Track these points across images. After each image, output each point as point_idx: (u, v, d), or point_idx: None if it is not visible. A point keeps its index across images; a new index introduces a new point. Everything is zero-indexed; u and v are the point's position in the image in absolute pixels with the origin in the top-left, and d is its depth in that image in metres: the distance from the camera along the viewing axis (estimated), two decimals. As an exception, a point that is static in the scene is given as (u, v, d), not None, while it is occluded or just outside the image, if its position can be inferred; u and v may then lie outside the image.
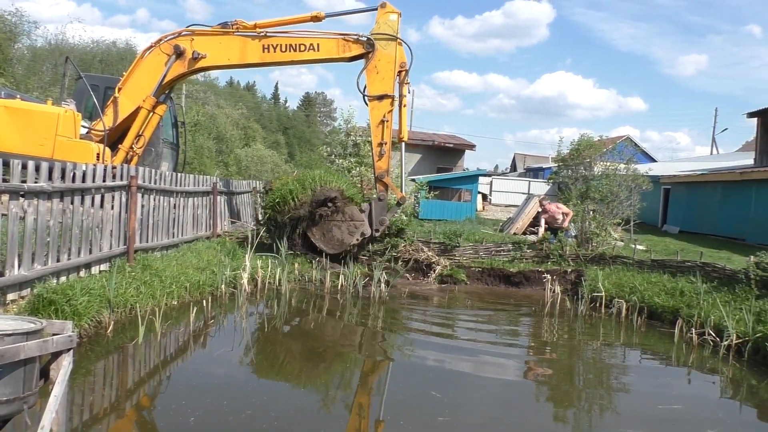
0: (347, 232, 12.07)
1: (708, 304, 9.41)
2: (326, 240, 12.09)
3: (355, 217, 12.12)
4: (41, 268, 6.81)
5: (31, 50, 36.33)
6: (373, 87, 11.80)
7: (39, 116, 11.19)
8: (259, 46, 11.78)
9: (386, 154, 11.93)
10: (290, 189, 11.95)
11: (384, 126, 11.79)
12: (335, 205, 11.97)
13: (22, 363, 3.47)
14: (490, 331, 9.47)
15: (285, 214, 11.97)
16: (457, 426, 5.33)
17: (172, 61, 11.75)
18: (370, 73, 11.78)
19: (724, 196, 22.67)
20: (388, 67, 11.74)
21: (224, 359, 6.93)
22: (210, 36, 11.93)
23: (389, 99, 11.76)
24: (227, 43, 11.91)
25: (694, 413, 6.15)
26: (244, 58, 11.90)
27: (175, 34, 11.94)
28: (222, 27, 11.90)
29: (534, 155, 70.63)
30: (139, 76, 11.95)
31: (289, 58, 11.91)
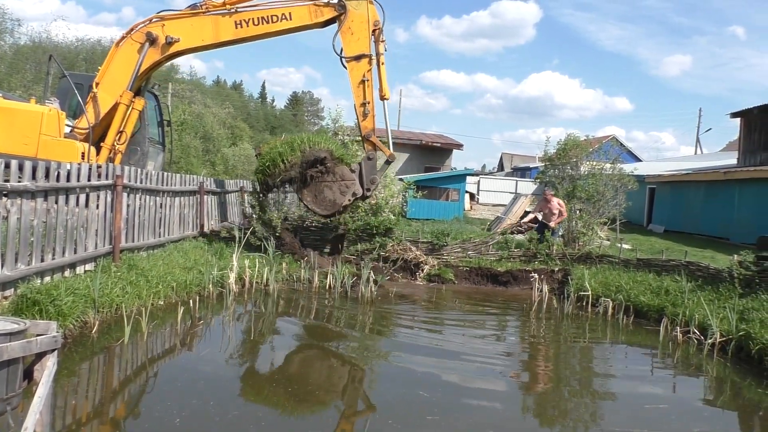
0: (339, 192, 11.96)
1: (692, 302, 9.50)
2: (318, 202, 11.96)
3: (345, 176, 12.02)
4: (25, 268, 6.74)
5: (14, 48, 35.99)
6: (350, 48, 11.81)
7: (22, 115, 11.04)
8: (231, 22, 11.67)
9: (370, 114, 12.00)
10: (279, 151, 11.83)
11: (365, 86, 11.88)
12: (325, 165, 11.85)
13: (6, 364, 3.43)
14: (477, 330, 9.49)
15: (276, 177, 11.87)
16: (446, 425, 5.33)
17: (146, 49, 11.60)
18: (344, 35, 11.79)
19: (709, 196, 22.89)
20: (362, 27, 11.78)
21: (211, 360, 6.89)
22: (181, 19, 11.79)
23: (366, 58, 11.82)
24: (199, 24, 11.77)
25: (680, 412, 6.20)
26: (217, 37, 11.80)
27: (145, 22, 11.79)
28: (191, 9, 11.78)
29: (521, 155, 71.06)
30: (114, 69, 11.78)
31: (263, 30, 11.79)
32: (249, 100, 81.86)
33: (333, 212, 12.07)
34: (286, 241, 12.35)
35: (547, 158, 17.11)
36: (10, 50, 35.12)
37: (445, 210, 26.82)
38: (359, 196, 12.14)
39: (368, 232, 13.03)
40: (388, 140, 12.27)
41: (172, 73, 51.99)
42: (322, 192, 11.94)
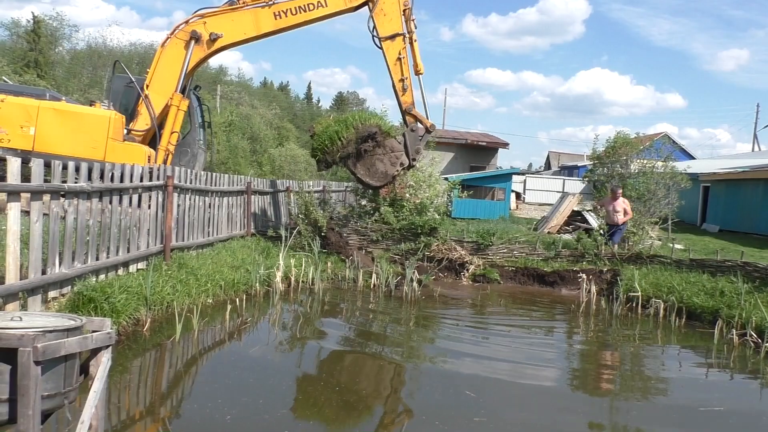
0: (389, 164, 12.63)
1: (749, 304, 9.17)
2: (371, 174, 12.62)
3: (395, 148, 12.68)
4: (81, 266, 6.96)
5: (71, 53, 37.21)
6: (384, 28, 12.45)
7: (89, 119, 11.50)
8: (270, 13, 12.06)
9: (409, 88, 12.74)
10: (336, 130, 12.38)
11: (401, 63, 12.57)
12: (376, 140, 12.43)
13: (63, 359, 3.54)
14: (525, 332, 9.37)
15: (335, 153, 12.42)
16: (493, 427, 5.28)
17: (192, 48, 11.93)
18: (378, 16, 12.38)
19: (767, 194, 22.04)
20: (393, 8, 12.39)
21: (260, 358, 6.99)
22: (221, 15, 12.09)
23: (401, 37, 12.47)
24: (239, 19, 12.11)
25: (736, 416, 5.99)
26: (259, 29, 12.18)
27: (187, 21, 12.10)
28: (229, 5, 12.09)
29: (568, 153, 69.79)
30: (162, 69, 12.12)
31: (301, 19, 12.20)
32: (295, 101, 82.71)
33: (385, 183, 12.85)
34: (332, 241, 12.45)
35: (595, 156, 16.77)
36: (68, 55, 36.34)
37: (491, 209, 26.54)
38: (406, 166, 12.86)
39: (413, 232, 13.00)
40: (425, 111, 12.97)
41: (221, 75, 53.00)
42: (374, 165, 12.58)
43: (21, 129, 11.12)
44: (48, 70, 32.79)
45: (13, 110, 11.15)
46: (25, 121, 11.17)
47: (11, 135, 11.05)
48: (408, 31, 12.53)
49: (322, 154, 12.57)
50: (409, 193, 15.14)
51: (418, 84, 13.15)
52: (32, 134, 11.21)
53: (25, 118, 11.20)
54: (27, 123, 11.19)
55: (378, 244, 13.11)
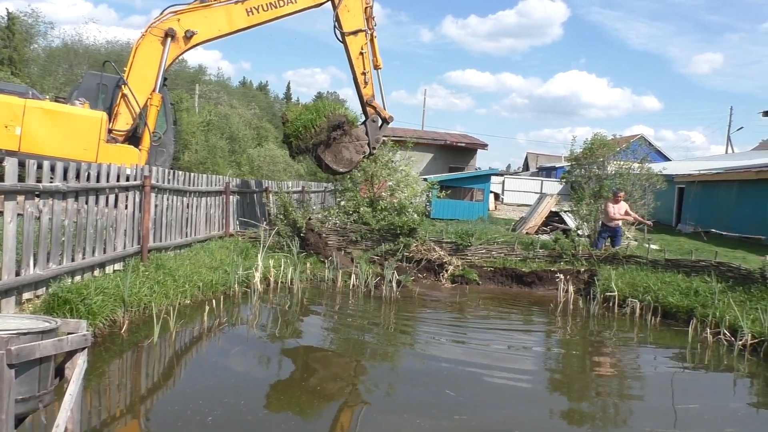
0: (354, 152, 13.39)
1: (723, 303, 9.34)
2: (337, 161, 13.27)
3: (360, 137, 13.51)
4: (56, 267, 6.86)
5: (47, 51, 36.69)
6: (348, 24, 13.19)
7: (80, 120, 11.29)
8: (243, 10, 12.27)
9: (369, 82, 13.67)
10: (310, 118, 12.89)
11: (363, 57, 13.46)
12: (344, 129, 13.12)
13: (38, 362, 3.50)
14: (504, 332, 9.44)
15: (308, 140, 12.95)
16: (474, 424, 5.31)
17: (168, 45, 11.86)
18: (342, 13, 13.07)
19: (740, 195, 22.44)
20: (356, 5, 13.19)
21: (239, 358, 6.96)
22: (195, 11, 12.11)
23: (363, 33, 13.35)
24: (213, 15, 12.18)
25: (711, 412, 6.10)
26: (232, 26, 12.35)
27: (160, 19, 12.00)
28: (201, 2, 12.12)
29: (546, 154, 70.39)
30: (139, 68, 11.97)
31: (272, 15, 12.55)
32: (274, 101, 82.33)
33: (350, 169, 13.68)
34: (311, 241, 12.42)
35: (573, 158, 16.93)
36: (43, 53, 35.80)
37: (470, 210, 26.68)
38: (367, 154, 13.76)
39: (392, 232, 13.02)
40: (383, 103, 13.86)
41: (200, 74, 52.57)
42: (340, 152, 13.25)
43: (5, 128, 10.77)
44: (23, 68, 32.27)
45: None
46: (9, 120, 10.80)
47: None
48: (369, 28, 13.27)
49: (295, 140, 12.97)
50: (388, 194, 15.18)
51: (377, 78, 13.97)
52: (18, 134, 10.88)
53: (10, 117, 10.83)
54: (12, 122, 10.83)
55: (357, 244, 13.11)
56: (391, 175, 15.51)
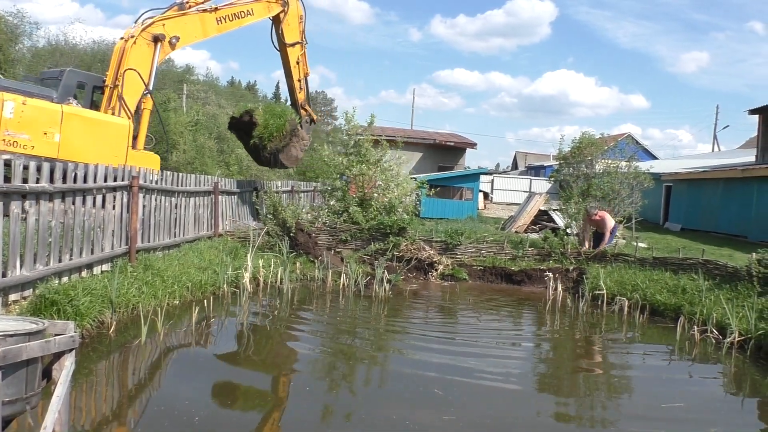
0: (300, 150, 15.16)
1: (710, 301, 9.41)
2: (288, 159, 14.83)
3: (304, 137, 15.28)
4: (43, 268, 6.81)
5: (32, 51, 36.35)
6: (289, 36, 14.66)
7: (111, 127, 11.32)
8: (213, 19, 12.96)
9: (304, 88, 15.66)
10: (279, 124, 14.22)
11: (299, 66, 15.25)
12: (295, 131, 14.75)
13: (25, 363, 3.47)
14: (493, 331, 9.47)
15: (277, 143, 14.29)
16: (462, 424, 5.32)
17: (158, 49, 12.05)
18: (285, 27, 14.44)
19: (726, 194, 22.64)
20: (295, 20, 14.69)
21: (228, 358, 6.93)
22: (176, 18, 12.41)
23: (299, 45, 15.08)
24: (191, 22, 12.65)
25: (697, 411, 6.14)
26: (206, 33, 13.01)
27: (144, 24, 12.06)
28: (179, 8, 12.44)
29: (535, 153, 70.69)
30: (130, 72, 11.90)
31: (236, 25, 13.49)
32: (263, 101, 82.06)
33: (296, 165, 16.15)
34: (301, 241, 12.40)
35: (561, 156, 17.01)
36: (29, 53, 35.45)
37: (459, 209, 26.74)
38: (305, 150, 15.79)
39: (382, 232, 13.03)
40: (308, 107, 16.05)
41: (187, 74, 52.30)
42: (290, 151, 14.75)
43: (45, 135, 10.61)
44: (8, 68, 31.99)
45: (35, 114, 10.39)
46: (48, 127, 10.55)
47: (34, 141, 10.33)
48: (303, 41, 15.10)
49: (260, 141, 14.08)
50: (378, 193, 15.18)
51: (306, 84, 15.94)
52: (57, 141, 10.72)
53: (49, 123, 10.56)
54: (51, 129, 10.53)
55: (347, 244, 13.11)
56: (380, 175, 15.51)
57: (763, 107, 23.52)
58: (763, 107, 23.52)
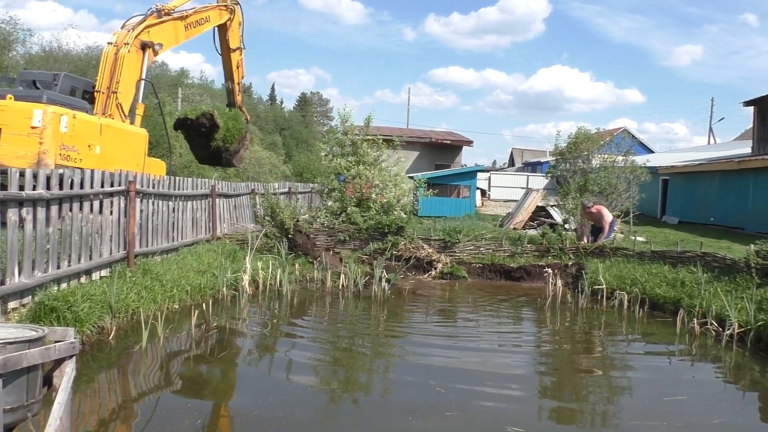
0: (244, 150, 17.22)
1: (709, 293, 9.42)
2: (237, 159, 16.56)
3: (247, 138, 17.32)
4: (42, 275, 6.80)
5: (26, 58, 36.33)
6: (233, 42, 15.82)
7: (134, 136, 11.93)
8: (183, 26, 13.52)
9: (241, 91, 17.20)
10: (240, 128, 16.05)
11: (238, 70, 16.50)
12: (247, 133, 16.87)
13: (25, 371, 3.46)
14: (493, 328, 9.47)
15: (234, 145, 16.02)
16: (464, 421, 5.32)
17: (147, 56, 12.43)
18: (230, 32, 15.55)
19: (723, 186, 22.68)
20: (237, 27, 15.80)
21: (229, 362, 6.93)
22: (158, 25, 12.83)
23: (239, 49, 16.20)
24: (168, 29, 13.13)
25: (699, 403, 6.16)
26: (177, 40, 13.62)
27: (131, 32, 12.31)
28: (157, 15, 12.87)
29: (531, 149, 70.65)
30: (126, 79, 12.16)
31: (198, 32, 14.25)
32: (258, 103, 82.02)
33: (240, 164, 18.20)
34: (299, 243, 12.40)
35: (558, 152, 17.06)
36: (22, 59, 35.43)
37: (457, 207, 26.74)
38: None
39: (380, 231, 13.04)
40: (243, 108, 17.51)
41: (182, 77, 52.26)
42: (238, 152, 16.45)
43: (89, 148, 10.70)
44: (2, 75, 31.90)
45: (82, 128, 10.57)
46: (92, 140, 10.75)
47: (82, 154, 10.54)
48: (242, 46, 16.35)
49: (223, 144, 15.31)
50: (376, 193, 15.19)
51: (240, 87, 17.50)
52: (98, 153, 10.83)
53: (92, 136, 10.78)
54: (93, 141, 10.78)
55: (346, 244, 13.11)
56: (378, 175, 15.52)
57: (758, 99, 23.57)
58: (758, 99, 23.57)
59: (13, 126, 9.86)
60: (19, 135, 9.81)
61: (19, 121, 9.86)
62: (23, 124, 9.84)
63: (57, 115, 9.97)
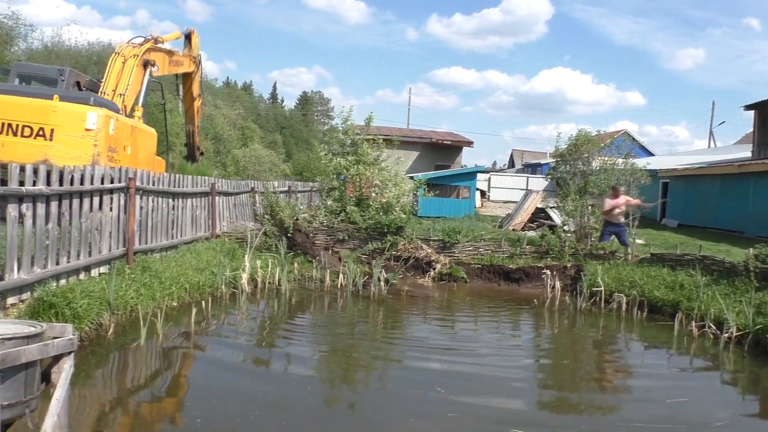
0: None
1: (708, 297, 9.43)
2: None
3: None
4: (41, 271, 6.80)
5: (27, 53, 36.29)
6: (195, 90, 17.72)
7: (150, 136, 12.44)
8: (168, 59, 14.57)
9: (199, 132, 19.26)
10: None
11: (198, 115, 18.53)
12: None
13: (24, 367, 3.47)
14: (492, 329, 9.48)
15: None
16: (466, 421, 5.32)
17: (149, 70, 13.20)
18: (194, 82, 17.37)
19: (723, 189, 22.68)
20: (198, 78, 17.64)
21: (227, 361, 6.92)
22: (155, 52, 13.74)
23: (200, 96, 18.30)
24: (160, 57, 14.02)
25: (700, 406, 6.15)
26: (162, 71, 14.42)
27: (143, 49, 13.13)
28: (154, 42, 13.71)
29: (532, 151, 70.68)
30: (132, 86, 12.68)
31: (174, 70, 15.68)
32: (259, 101, 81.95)
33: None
34: (298, 241, 12.40)
35: (558, 154, 16.97)
36: (24, 55, 35.37)
37: (456, 208, 26.75)
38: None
39: (380, 231, 13.03)
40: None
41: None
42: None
43: (124, 149, 10.93)
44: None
45: (122, 130, 10.80)
46: (126, 141, 11.01)
47: (120, 155, 10.75)
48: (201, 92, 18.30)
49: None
50: (375, 193, 15.17)
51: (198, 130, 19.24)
52: (130, 154, 11.12)
53: (127, 137, 11.04)
54: (127, 142, 11.04)
55: (345, 243, 13.11)
56: (378, 174, 15.50)
57: (759, 103, 23.57)
58: (759, 103, 23.57)
59: (66, 127, 9.94)
60: (73, 137, 9.91)
61: (72, 122, 9.96)
62: (77, 126, 9.95)
63: (108, 118, 10.25)
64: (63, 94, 10.39)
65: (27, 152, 9.52)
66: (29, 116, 9.81)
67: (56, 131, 9.87)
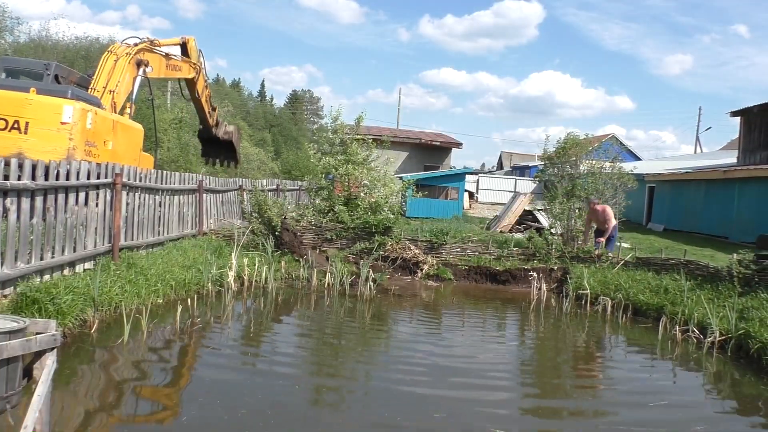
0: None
1: (692, 301, 9.51)
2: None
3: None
4: (24, 266, 6.73)
5: (14, 47, 35.95)
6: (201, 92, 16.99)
7: (135, 132, 12.29)
8: (164, 63, 14.33)
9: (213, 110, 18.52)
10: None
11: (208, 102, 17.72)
12: None
13: (5, 362, 3.43)
14: (478, 330, 9.50)
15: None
16: (453, 422, 5.33)
17: (143, 70, 13.14)
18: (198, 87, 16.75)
19: (708, 195, 22.89)
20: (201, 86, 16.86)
21: (213, 358, 6.89)
22: (150, 54, 13.59)
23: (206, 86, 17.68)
24: (155, 59, 13.85)
25: (680, 409, 6.19)
26: (158, 73, 14.33)
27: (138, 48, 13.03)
28: (150, 44, 13.60)
29: (520, 153, 71.02)
30: (123, 84, 12.50)
31: (172, 75, 15.31)
32: (248, 99, 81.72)
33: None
34: (286, 240, 12.37)
35: (546, 157, 17.06)
36: (10, 48, 35.06)
37: (445, 209, 26.82)
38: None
39: (368, 231, 13.03)
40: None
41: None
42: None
43: (104, 144, 10.74)
44: (-12, 63, 31.56)
45: (102, 124, 10.58)
46: (107, 136, 10.81)
47: (99, 150, 10.53)
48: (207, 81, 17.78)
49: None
50: (364, 193, 15.17)
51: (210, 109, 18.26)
52: (110, 149, 10.92)
53: (107, 132, 10.83)
54: (108, 137, 10.84)
55: (332, 243, 13.09)
56: (366, 174, 15.50)
57: (745, 109, 23.82)
58: (745, 109, 23.82)
59: (41, 120, 9.69)
60: (48, 130, 9.66)
61: (47, 116, 9.70)
62: (52, 120, 9.69)
63: (85, 112, 9.94)
64: (40, 87, 10.25)
65: (1, 145, 9.34)
66: (4, 109, 9.63)
67: (31, 124, 9.66)
